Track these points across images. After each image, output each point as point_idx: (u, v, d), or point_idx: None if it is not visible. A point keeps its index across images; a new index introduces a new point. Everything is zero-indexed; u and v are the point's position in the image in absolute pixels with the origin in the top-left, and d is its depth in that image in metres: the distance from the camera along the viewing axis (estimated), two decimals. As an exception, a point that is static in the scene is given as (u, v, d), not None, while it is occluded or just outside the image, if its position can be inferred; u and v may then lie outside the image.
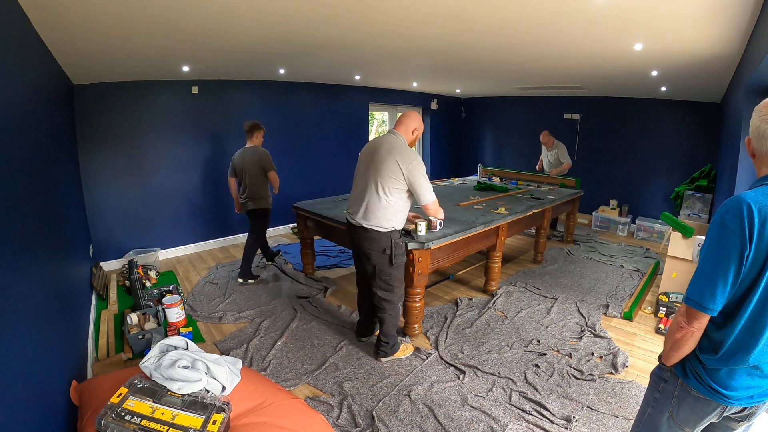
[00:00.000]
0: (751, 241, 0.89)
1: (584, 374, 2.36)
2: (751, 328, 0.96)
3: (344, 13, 2.16)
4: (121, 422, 1.33)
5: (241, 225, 5.09)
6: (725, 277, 0.92)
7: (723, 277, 0.93)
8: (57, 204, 2.28)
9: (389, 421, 2.00)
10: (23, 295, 1.35)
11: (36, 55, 2.11)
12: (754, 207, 0.89)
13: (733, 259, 0.91)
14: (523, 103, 6.91)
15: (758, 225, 0.88)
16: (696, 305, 0.97)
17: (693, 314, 0.99)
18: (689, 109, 5.14)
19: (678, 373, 1.11)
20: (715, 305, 0.95)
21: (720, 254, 0.93)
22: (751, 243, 0.89)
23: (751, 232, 0.89)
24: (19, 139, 1.58)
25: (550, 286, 3.68)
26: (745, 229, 0.89)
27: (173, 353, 1.63)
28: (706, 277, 0.95)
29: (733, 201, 0.93)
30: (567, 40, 2.69)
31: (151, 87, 4.12)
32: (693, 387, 1.07)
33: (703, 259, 0.98)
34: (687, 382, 1.08)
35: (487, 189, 4.65)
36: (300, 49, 3.10)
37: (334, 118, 5.82)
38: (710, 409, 1.06)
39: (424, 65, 4.09)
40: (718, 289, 0.93)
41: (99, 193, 3.96)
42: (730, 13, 1.92)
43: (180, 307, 2.85)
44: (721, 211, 0.95)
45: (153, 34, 2.45)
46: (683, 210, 4.85)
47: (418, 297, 2.73)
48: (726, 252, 0.92)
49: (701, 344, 1.06)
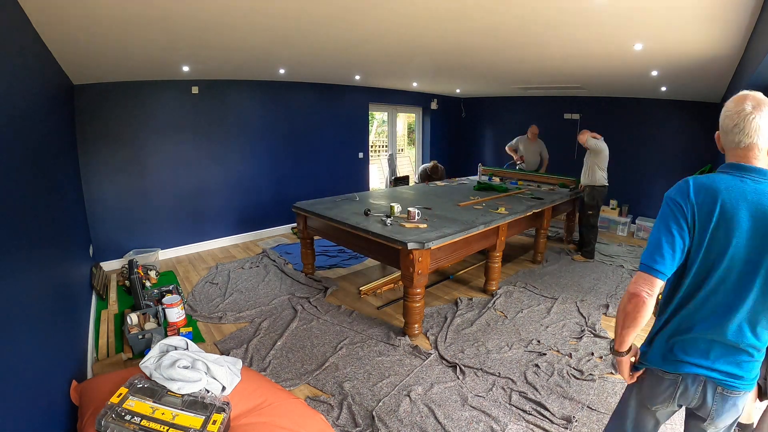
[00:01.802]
0: (691, 210, 1.02)
1: (584, 374, 2.36)
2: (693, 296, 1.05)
3: (344, 13, 2.16)
4: (121, 422, 1.33)
5: (241, 225, 5.10)
6: (670, 242, 1.03)
7: (668, 242, 1.03)
8: (57, 204, 2.28)
9: (389, 421, 2.00)
10: (23, 295, 1.36)
11: (36, 55, 2.11)
12: (692, 182, 1.05)
13: (675, 224, 1.04)
14: (523, 103, 6.91)
15: (694, 197, 1.02)
16: (646, 268, 1.05)
17: (644, 278, 1.05)
18: (689, 109, 5.14)
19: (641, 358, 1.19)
20: (664, 268, 1.03)
21: (663, 222, 1.06)
22: (693, 212, 1.01)
23: (689, 202, 1.02)
24: (19, 139, 1.58)
25: (550, 286, 3.68)
26: (685, 200, 1.03)
27: (173, 353, 1.63)
28: (653, 243, 1.06)
29: (681, 181, 1.09)
30: (567, 41, 2.69)
31: (151, 87, 4.13)
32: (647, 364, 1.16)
33: (652, 229, 1.10)
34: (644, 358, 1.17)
35: (487, 189, 4.65)
36: (300, 49, 3.10)
37: (334, 118, 5.82)
38: (664, 386, 1.13)
39: (425, 65, 4.09)
40: (665, 251, 1.03)
41: (99, 193, 3.96)
42: (730, 13, 1.92)
43: (180, 307, 2.85)
44: (670, 190, 1.10)
45: (153, 34, 2.45)
46: (683, 210, 4.85)
47: (418, 297, 2.73)
48: (667, 220, 1.05)
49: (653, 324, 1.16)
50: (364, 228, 2.91)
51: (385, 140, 7.75)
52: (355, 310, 3.22)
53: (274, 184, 5.28)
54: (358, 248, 3.20)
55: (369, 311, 3.22)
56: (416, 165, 7.96)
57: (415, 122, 7.83)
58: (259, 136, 5.07)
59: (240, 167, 4.95)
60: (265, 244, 4.91)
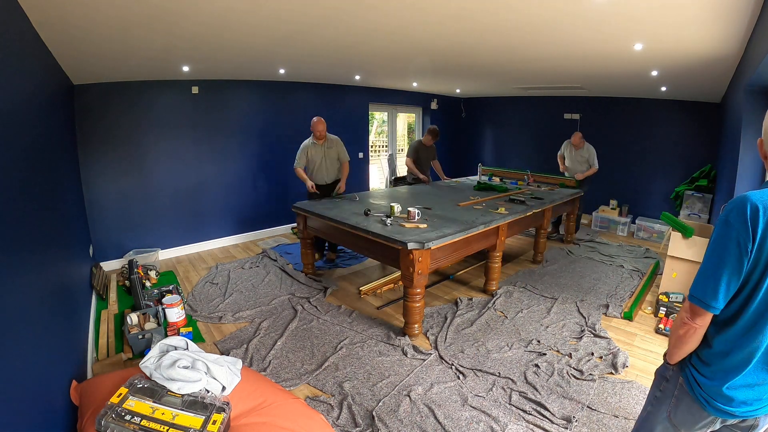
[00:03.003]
0: (754, 239, 0.89)
1: (584, 374, 2.36)
2: (749, 331, 0.95)
3: (344, 14, 2.16)
4: (121, 422, 1.33)
5: (241, 225, 5.10)
6: (728, 275, 0.92)
7: (726, 275, 0.92)
8: (57, 204, 2.28)
9: (389, 421, 2.00)
10: (23, 295, 1.35)
11: (36, 55, 2.11)
12: (760, 205, 0.88)
13: (736, 257, 0.91)
14: (523, 103, 6.91)
15: (762, 224, 0.88)
16: (699, 302, 0.97)
17: (696, 311, 0.99)
18: (689, 109, 5.14)
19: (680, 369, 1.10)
20: (717, 303, 0.95)
21: (724, 252, 0.93)
22: (755, 242, 0.89)
23: (754, 231, 0.88)
24: (19, 139, 1.58)
25: (550, 286, 3.68)
26: (748, 228, 0.89)
27: (173, 353, 1.63)
28: (710, 275, 0.95)
29: (739, 199, 0.93)
30: (567, 40, 2.69)
31: (151, 87, 4.13)
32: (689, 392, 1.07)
33: (707, 257, 0.97)
34: (686, 385, 1.08)
35: (487, 189, 4.65)
36: (300, 49, 3.10)
37: (334, 118, 5.80)
38: (705, 414, 1.05)
39: (425, 65, 4.09)
40: (721, 287, 0.93)
41: (99, 193, 3.96)
42: (730, 13, 1.92)
43: (180, 307, 2.85)
44: (726, 209, 0.95)
45: (153, 34, 2.45)
46: (683, 210, 4.86)
47: (418, 297, 2.73)
48: (729, 250, 0.92)
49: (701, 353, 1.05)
50: (364, 228, 2.91)
51: (385, 140, 7.75)
52: (355, 310, 3.22)
53: (274, 184, 5.28)
54: (358, 248, 3.20)
55: (369, 311, 3.22)
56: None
57: (415, 122, 7.83)
58: (259, 136, 5.07)
59: (240, 167, 4.95)
60: (265, 244, 4.91)
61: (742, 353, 0.97)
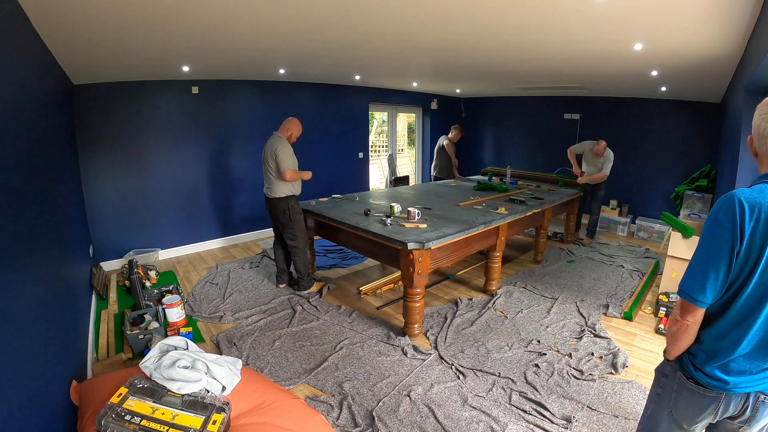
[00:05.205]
0: (742, 236, 0.90)
1: (584, 374, 2.36)
2: (738, 325, 0.97)
3: (344, 14, 2.16)
4: (121, 422, 1.33)
5: (241, 225, 5.10)
6: (716, 271, 0.94)
7: (714, 271, 0.95)
8: (57, 204, 2.28)
9: (389, 421, 2.00)
10: (23, 295, 1.35)
11: (36, 55, 2.11)
12: (746, 203, 0.90)
13: (724, 253, 0.93)
14: (523, 103, 6.90)
15: (749, 220, 0.90)
16: (688, 297, 0.99)
17: (686, 307, 1.01)
18: (689, 109, 5.14)
19: (677, 364, 1.12)
20: (705, 298, 0.97)
21: (712, 248, 0.95)
22: (743, 238, 0.91)
23: (742, 228, 0.90)
24: (19, 139, 1.58)
25: (550, 286, 3.68)
26: (736, 224, 0.91)
27: (173, 353, 1.63)
28: (698, 270, 0.98)
29: (727, 197, 0.94)
30: (567, 41, 2.69)
31: (151, 87, 4.12)
32: (691, 376, 1.08)
33: (696, 253, 1.00)
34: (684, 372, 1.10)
35: (487, 189, 4.65)
36: (300, 49, 3.10)
37: (334, 118, 5.82)
38: (705, 403, 1.06)
39: (425, 65, 4.09)
40: (708, 282, 0.95)
41: (99, 193, 3.96)
42: (730, 13, 1.92)
43: (180, 307, 2.85)
44: (715, 207, 0.96)
45: (153, 34, 2.45)
46: (683, 210, 4.85)
47: (418, 297, 2.73)
48: (717, 246, 0.94)
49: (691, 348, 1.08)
50: (364, 228, 2.91)
51: (385, 140, 7.75)
52: (355, 310, 3.22)
53: (274, 184, 5.27)
54: (358, 248, 3.20)
55: (369, 311, 3.22)
56: (416, 165, 7.97)
57: (415, 122, 7.83)
58: (259, 136, 5.06)
59: (240, 167, 4.95)
60: (265, 244, 4.91)
61: (728, 350, 0.99)
